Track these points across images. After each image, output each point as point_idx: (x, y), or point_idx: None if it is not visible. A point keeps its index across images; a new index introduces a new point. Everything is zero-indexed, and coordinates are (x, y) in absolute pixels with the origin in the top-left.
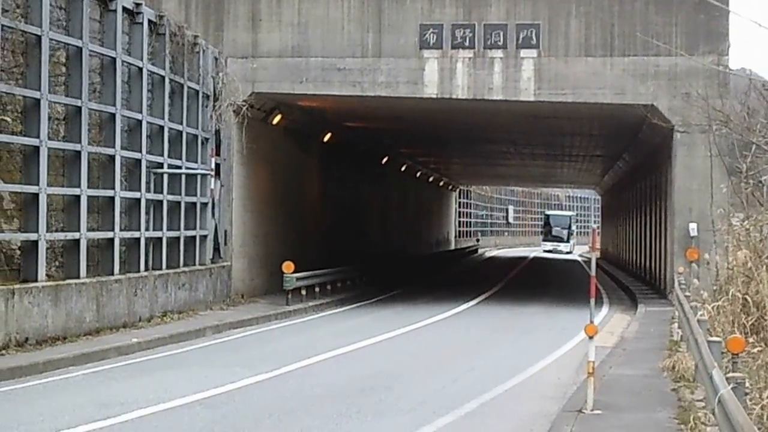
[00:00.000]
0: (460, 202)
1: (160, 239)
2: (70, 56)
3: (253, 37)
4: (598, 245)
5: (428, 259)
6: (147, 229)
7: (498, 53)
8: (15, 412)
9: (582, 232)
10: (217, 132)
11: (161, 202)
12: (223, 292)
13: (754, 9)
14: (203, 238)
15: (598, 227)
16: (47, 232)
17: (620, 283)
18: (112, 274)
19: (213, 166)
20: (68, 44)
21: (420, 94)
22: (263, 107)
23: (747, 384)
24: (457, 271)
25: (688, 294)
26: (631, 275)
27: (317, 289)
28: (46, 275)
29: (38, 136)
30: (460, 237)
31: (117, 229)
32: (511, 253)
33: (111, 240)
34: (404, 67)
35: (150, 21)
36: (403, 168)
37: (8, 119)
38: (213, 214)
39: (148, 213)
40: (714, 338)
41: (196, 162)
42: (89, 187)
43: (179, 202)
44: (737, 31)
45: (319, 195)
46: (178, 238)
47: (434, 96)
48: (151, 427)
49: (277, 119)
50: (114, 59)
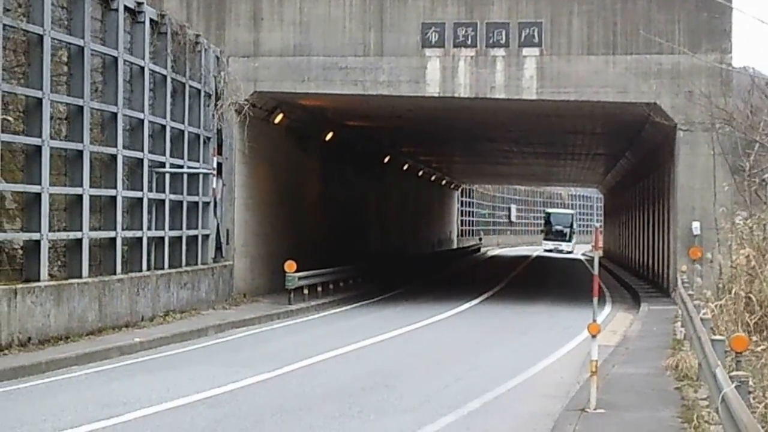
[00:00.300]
0: (462, 201)
1: (162, 239)
2: (71, 55)
3: (255, 36)
4: (600, 244)
5: (430, 258)
6: (149, 228)
7: (500, 52)
8: (17, 412)
9: (585, 231)
10: (219, 131)
11: (163, 201)
12: (225, 292)
13: (758, 6)
14: (205, 237)
15: (600, 226)
16: (49, 231)
17: (623, 282)
18: (115, 273)
19: (215, 165)
20: (70, 43)
21: (422, 92)
22: (265, 106)
23: (751, 382)
24: (459, 270)
25: (691, 293)
26: (634, 274)
27: (319, 289)
28: (49, 275)
29: (40, 136)
30: (462, 236)
31: (119, 228)
32: (514, 252)
33: (113, 239)
34: (406, 65)
35: (151, 20)
36: (405, 167)
37: (10, 119)
38: (215, 213)
39: (150, 212)
40: (717, 337)
41: (198, 161)
42: (91, 186)
43: (181, 202)
44: (740, 29)
45: (321, 194)
46: (180, 238)
47: (436, 95)
48: (154, 427)
49: (278, 118)
50: (116, 58)
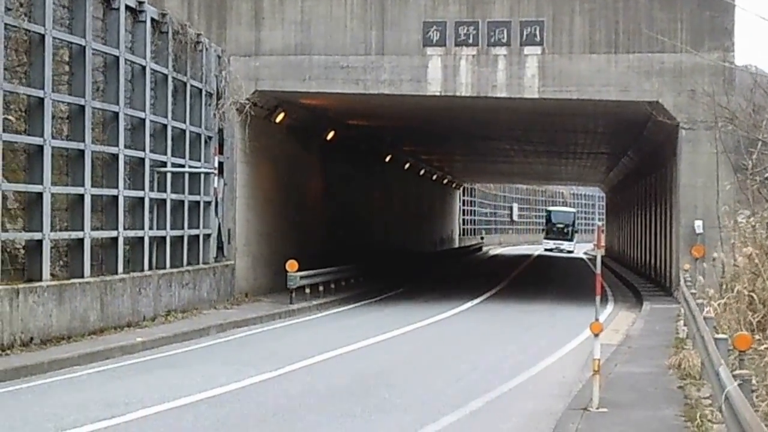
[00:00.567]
0: (463, 200)
1: (164, 238)
2: (73, 55)
3: (256, 35)
4: (602, 243)
5: (432, 257)
6: (151, 228)
7: (502, 50)
8: (20, 412)
9: (586, 230)
10: (220, 130)
11: (165, 201)
12: (226, 291)
13: (760, 4)
14: (207, 236)
15: (602, 224)
16: (51, 231)
17: (625, 281)
18: (116, 273)
19: (216, 164)
20: (71, 43)
21: (423, 91)
22: (266, 105)
23: (754, 381)
24: (461, 269)
25: (693, 291)
26: (636, 273)
27: (321, 288)
28: (51, 274)
29: (42, 135)
30: (463, 235)
31: (121, 228)
32: (516, 251)
33: (115, 239)
34: (407, 64)
35: (153, 19)
36: (407, 166)
37: (12, 118)
38: (216, 212)
39: (151, 212)
40: (720, 335)
41: (200, 160)
42: (93, 186)
43: (183, 201)
44: (743, 27)
45: (323, 193)
46: (181, 237)
47: (438, 94)
48: (156, 426)
49: (280, 117)
50: (117, 58)
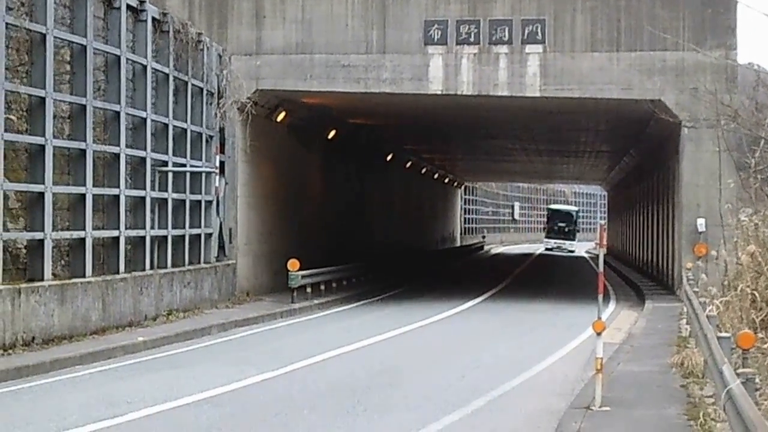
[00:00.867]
0: (465, 199)
1: (165, 237)
2: (74, 54)
3: (257, 34)
4: (605, 241)
5: (433, 256)
6: (152, 227)
7: (503, 49)
8: (22, 412)
9: (588, 229)
10: (222, 129)
11: (166, 200)
12: (228, 291)
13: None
14: (208, 236)
15: (604, 223)
16: (53, 231)
17: (627, 280)
18: (118, 272)
19: (217, 163)
20: (73, 42)
21: (425, 90)
22: (267, 104)
23: (757, 379)
24: (463, 268)
25: (696, 290)
26: (638, 271)
27: (322, 287)
28: (52, 274)
29: (43, 135)
30: (465, 234)
31: (122, 227)
32: (517, 250)
33: (116, 239)
34: (409, 63)
35: (154, 18)
36: (408, 165)
37: (13, 118)
38: (218, 212)
39: (153, 211)
40: (724, 334)
41: (201, 160)
42: (94, 185)
43: (184, 201)
44: (746, 25)
45: (324, 192)
46: (183, 237)
47: (439, 92)
48: (158, 426)
49: (281, 116)
50: (118, 57)
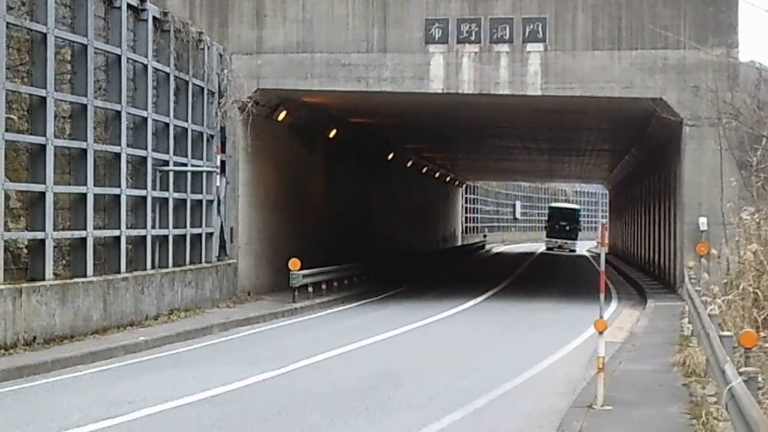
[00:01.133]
0: (466, 198)
1: (167, 237)
2: (75, 54)
3: (258, 33)
4: (606, 240)
5: (435, 255)
6: (153, 227)
7: (504, 47)
8: (23, 411)
9: (590, 227)
10: (222, 129)
11: (167, 199)
12: (229, 290)
13: None
14: (209, 235)
15: (606, 222)
16: (54, 230)
17: (629, 279)
18: (119, 272)
19: (218, 163)
20: (73, 42)
21: (426, 89)
22: (268, 104)
23: (760, 378)
24: (464, 267)
25: (698, 288)
26: (640, 270)
27: (324, 286)
28: (53, 274)
29: (44, 135)
30: (466, 233)
31: (123, 227)
32: (519, 249)
33: (117, 238)
34: (410, 62)
35: (154, 18)
36: (409, 164)
37: (14, 117)
38: (219, 211)
39: (154, 211)
40: (726, 333)
41: (202, 159)
42: (95, 185)
43: (185, 200)
44: (747, 23)
45: (325, 191)
46: (184, 236)
47: (440, 91)
48: (159, 425)
49: (282, 116)
50: (119, 56)
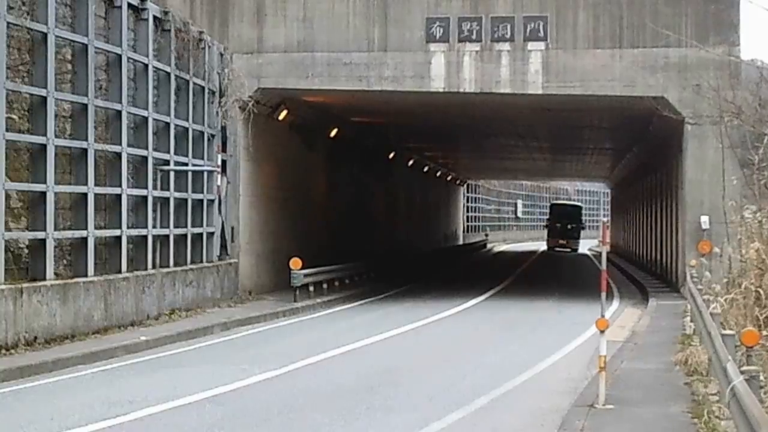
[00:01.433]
0: (468, 197)
1: (168, 237)
2: (75, 53)
3: (259, 33)
4: (608, 239)
5: (436, 254)
6: (154, 226)
7: (505, 46)
8: (25, 411)
9: (592, 226)
10: (223, 128)
11: (168, 199)
12: (230, 290)
13: None
14: (210, 235)
15: (608, 221)
16: (55, 230)
17: (631, 277)
18: (120, 272)
19: (219, 162)
20: (74, 41)
21: (427, 88)
22: (269, 103)
23: (761, 377)
24: (466, 266)
25: (700, 287)
26: (642, 269)
27: (325, 286)
28: (54, 274)
29: (45, 134)
30: (468, 232)
31: (124, 226)
32: (520, 248)
33: (118, 238)
34: (411, 61)
35: (155, 17)
36: (410, 163)
37: (15, 117)
38: (220, 210)
39: (155, 210)
40: (728, 331)
41: (203, 159)
42: (96, 184)
43: (186, 200)
44: (749, 21)
45: (326, 190)
46: (185, 236)
47: (441, 90)
48: (161, 425)
49: (283, 115)
50: (120, 56)
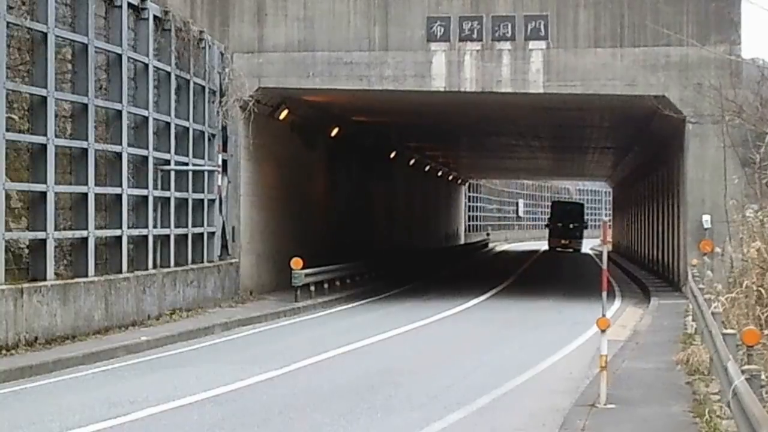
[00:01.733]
0: (469, 196)
1: (168, 236)
2: (76, 53)
3: (259, 32)
4: (609, 238)
5: (437, 254)
6: (155, 226)
7: (506, 45)
8: (25, 412)
9: (594, 225)
10: (224, 128)
11: (168, 199)
12: (231, 289)
13: None
14: (211, 234)
15: (609, 220)
16: (55, 230)
17: (633, 276)
18: (121, 272)
19: (220, 162)
20: (74, 41)
21: (428, 87)
22: (269, 102)
23: (763, 376)
24: (467, 266)
25: (701, 286)
26: (644, 268)
27: (326, 285)
28: (55, 274)
29: (45, 134)
30: (469, 231)
31: (125, 226)
32: (522, 247)
33: (119, 238)
34: (411, 60)
35: (155, 17)
36: (412, 162)
37: (15, 117)
38: (220, 210)
39: (155, 210)
40: (729, 330)
41: (203, 158)
42: (96, 184)
43: (186, 199)
44: (750, 20)
45: (327, 190)
46: (185, 236)
47: (442, 89)
48: (161, 425)
49: (283, 114)
50: (120, 56)
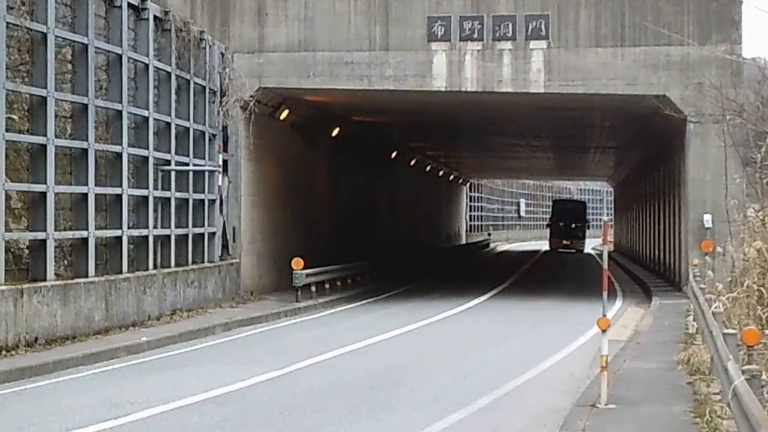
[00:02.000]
0: (470, 196)
1: (169, 237)
2: (76, 53)
3: (260, 32)
4: (610, 238)
5: (439, 254)
6: (155, 226)
7: (507, 45)
8: (25, 413)
9: (595, 225)
10: (225, 128)
11: (169, 199)
12: (232, 290)
13: None
14: (211, 235)
15: (610, 219)
16: (55, 230)
17: (634, 276)
18: (121, 272)
19: (220, 162)
20: (74, 41)
21: (428, 87)
22: (270, 102)
23: (763, 376)
24: (469, 265)
25: (703, 286)
26: (645, 268)
27: (327, 286)
28: (55, 274)
29: (45, 134)
30: (471, 231)
31: (125, 227)
32: (523, 247)
33: (119, 238)
34: (412, 60)
35: (155, 17)
36: (413, 162)
37: (15, 117)
38: (221, 210)
39: (156, 210)
40: (729, 330)
41: (204, 158)
42: (97, 185)
43: (187, 200)
44: (750, 19)
45: (328, 190)
46: (186, 236)
47: (443, 89)
48: (162, 426)
49: (284, 114)
50: (120, 56)
